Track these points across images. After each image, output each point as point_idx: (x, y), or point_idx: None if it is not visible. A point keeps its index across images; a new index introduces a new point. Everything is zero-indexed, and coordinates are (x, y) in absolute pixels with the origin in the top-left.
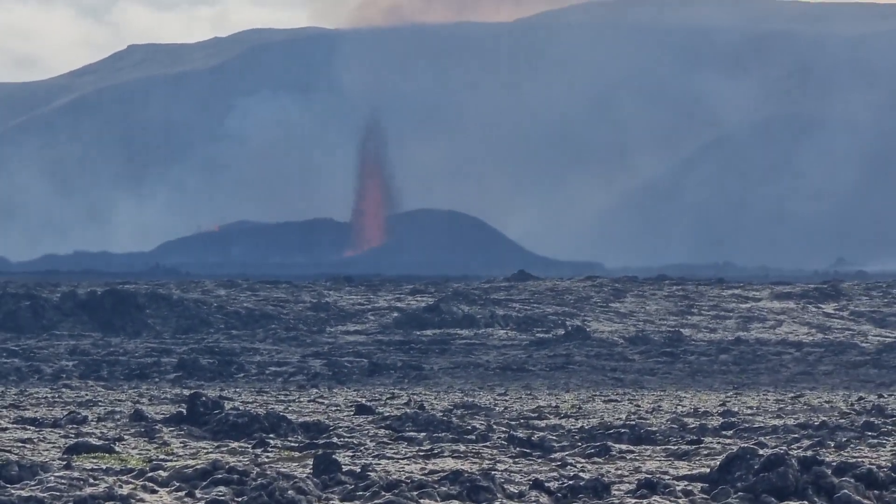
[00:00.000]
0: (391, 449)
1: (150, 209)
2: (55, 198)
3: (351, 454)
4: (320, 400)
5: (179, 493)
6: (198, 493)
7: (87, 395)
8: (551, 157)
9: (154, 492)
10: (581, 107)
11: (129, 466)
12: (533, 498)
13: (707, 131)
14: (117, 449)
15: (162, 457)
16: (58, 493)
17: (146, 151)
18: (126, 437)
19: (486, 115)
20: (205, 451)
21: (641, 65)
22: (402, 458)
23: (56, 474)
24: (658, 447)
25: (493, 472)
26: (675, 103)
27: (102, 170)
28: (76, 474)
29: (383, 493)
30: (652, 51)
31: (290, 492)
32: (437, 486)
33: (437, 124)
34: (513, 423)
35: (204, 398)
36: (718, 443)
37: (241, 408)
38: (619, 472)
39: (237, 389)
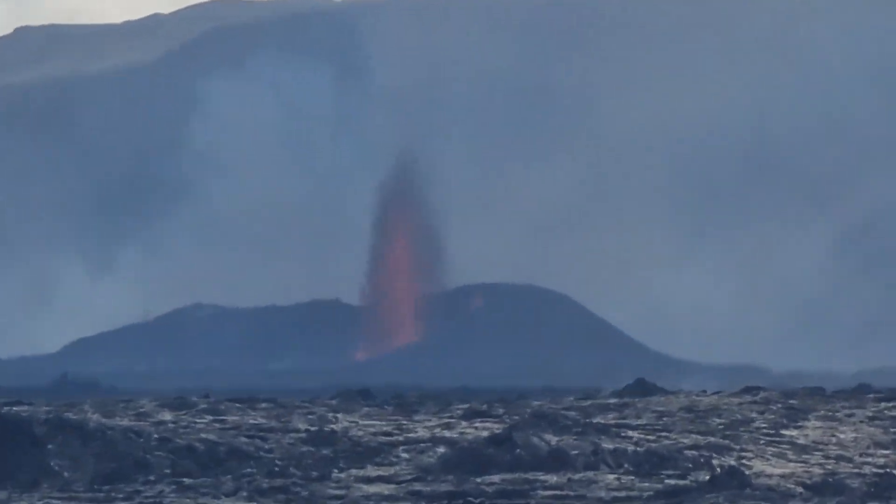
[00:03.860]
0: None
1: (107, 285)
2: None
3: None
4: None
5: None
6: None
7: None
8: (706, 189)
9: None
10: (770, 106)
11: None
12: None
13: None
14: None
15: None
16: None
17: (105, 192)
18: None
19: (600, 126)
20: None
21: (871, 34)
22: None
23: None
24: None
25: None
26: None
27: (43, 225)
28: None
29: None
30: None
31: None
32: None
33: (509, 143)
34: None
35: None
36: None
37: None
38: None
39: None
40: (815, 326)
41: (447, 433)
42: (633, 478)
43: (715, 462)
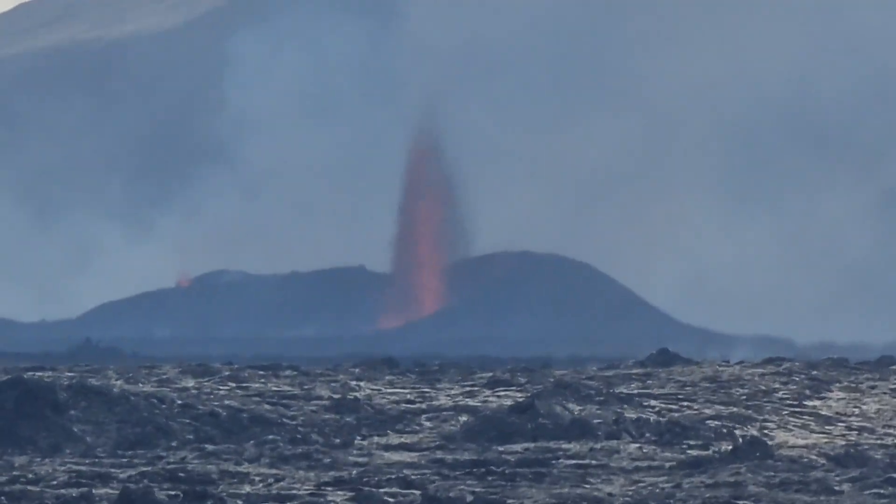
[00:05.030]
0: None
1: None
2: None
3: None
4: None
5: None
6: None
7: None
8: (750, 154)
9: None
10: (815, 69)
11: None
12: None
13: None
14: None
15: None
16: None
17: (140, 155)
18: None
19: (641, 90)
20: None
21: None
22: None
23: None
24: None
25: None
26: None
27: (78, 187)
28: None
29: None
30: None
31: None
32: None
33: (547, 105)
34: None
35: None
36: None
37: None
38: None
39: None
40: (859, 294)
41: (470, 402)
42: (655, 447)
43: (737, 432)
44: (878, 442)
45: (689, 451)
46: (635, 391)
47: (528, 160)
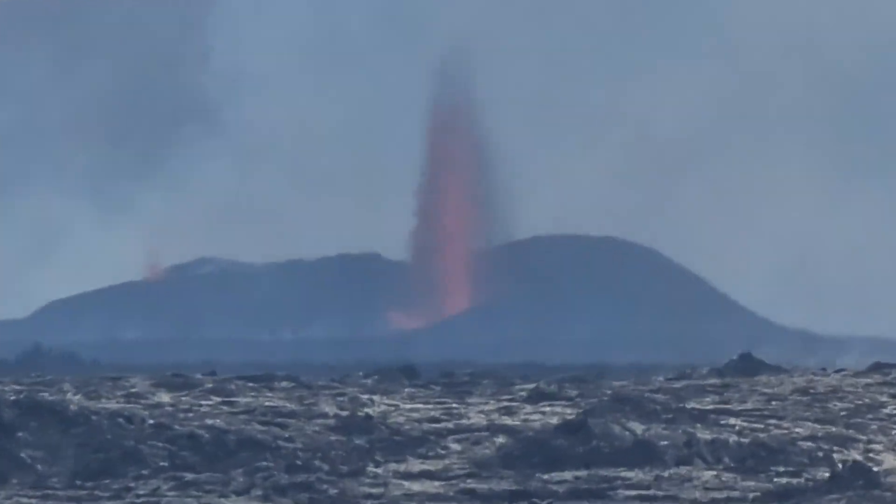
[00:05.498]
0: None
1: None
2: None
3: None
4: None
5: None
6: None
7: None
8: (865, 118)
9: None
10: None
11: None
12: None
13: None
14: None
15: None
16: None
17: (116, 119)
18: None
19: (723, 35)
20: None
21: None
22: None
23: None
24: None
25: None
26: None
27: (69, 157)
28: None
29: None
30: None
31: None
32: None
33: (596, 55)
34: None
35: None
36: None
37: None
38: None
39: None
40: None
41: (508, 420)
42: (735, 475)
43: (836, 456)
44: None
45: (777, 479)
46: (710, 406)
47: (583, 121)
